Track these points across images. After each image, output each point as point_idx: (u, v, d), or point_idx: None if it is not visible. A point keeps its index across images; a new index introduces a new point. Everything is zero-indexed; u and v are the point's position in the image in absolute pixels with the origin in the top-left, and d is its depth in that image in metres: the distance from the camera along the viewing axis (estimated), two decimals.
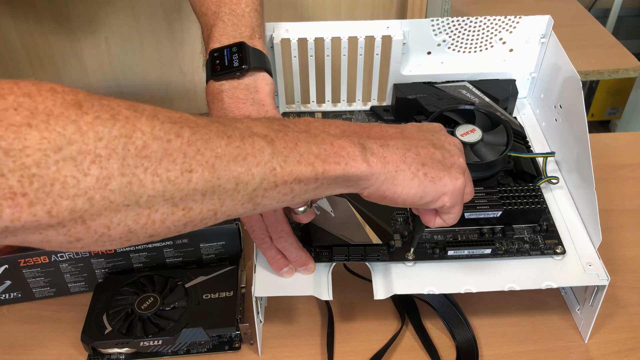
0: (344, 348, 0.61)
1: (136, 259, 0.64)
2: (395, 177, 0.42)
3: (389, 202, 0.43)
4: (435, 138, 0.46)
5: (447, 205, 0.44)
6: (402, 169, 0.42)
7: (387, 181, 0.42)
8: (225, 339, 0.60)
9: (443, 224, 0.48)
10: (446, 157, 0.44)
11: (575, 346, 0.60)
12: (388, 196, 0.43)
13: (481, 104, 0.72)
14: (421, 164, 0.42)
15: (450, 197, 0.44)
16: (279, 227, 0.53)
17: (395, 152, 0.42)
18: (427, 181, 0.42)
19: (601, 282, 0.55)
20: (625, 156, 0.84)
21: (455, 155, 0.45)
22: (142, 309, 0.59)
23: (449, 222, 0.47)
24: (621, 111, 2.03)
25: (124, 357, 0.59)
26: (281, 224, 0.53)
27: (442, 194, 0.44)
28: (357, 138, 0.41)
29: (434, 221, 0.48)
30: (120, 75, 1.16)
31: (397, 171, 0.42)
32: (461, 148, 0.47)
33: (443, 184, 0.43)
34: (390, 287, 0.55)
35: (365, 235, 0.58)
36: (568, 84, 0.64)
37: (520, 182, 0.64)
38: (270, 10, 1.12)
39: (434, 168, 0.43)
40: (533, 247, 0.58)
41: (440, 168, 0.43)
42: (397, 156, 0.42)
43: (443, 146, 0.45)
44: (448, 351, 0.60)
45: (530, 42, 0.73)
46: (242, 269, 0.64)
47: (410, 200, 0.43)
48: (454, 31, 0.72)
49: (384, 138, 0.43)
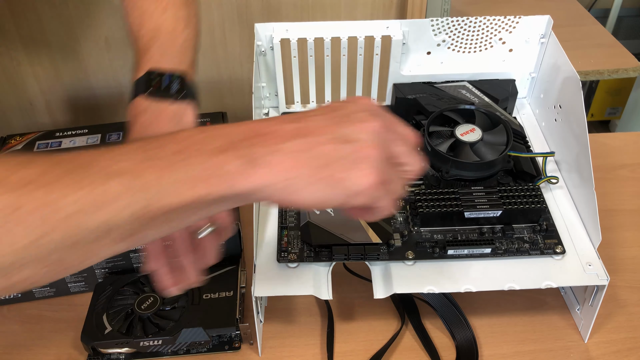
0: (343, 348, 0.61)
1: (136, 259, 0.64)
2: (291, 185, 0.37)
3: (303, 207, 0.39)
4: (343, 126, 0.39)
5: (365, 203, 0.39)
6: (298, 175, 0.37)
7: (283, 190, 0.37)
8: (225, 339, 0.60)
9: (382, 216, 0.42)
10: (351, 152, 0.38)
11: (575, 346, 0.60)
12: (295, 202, 0.38)
13: (481, 103, 0.72)
14: (320, 166, 0.37)
15: (365, 196, 0.38)
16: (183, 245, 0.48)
17: (289, 157, 0.37)
18: (330, 183, 0.37)
19: (601, 282, 0.55)
20: (624, 156, 0.84)
21: (365, 146, 0.38)
22: (142, 309, 0.59)
23: (384, 214, 0.41)
24: (621, 111, 2.03)
25: (124, 357, 0.59)
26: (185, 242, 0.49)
27: (353, 194, 0.38)
28: (243, 149, 0.37)
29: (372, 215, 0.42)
30: (120, 75, 1.16)
31: (293, 178, 0.37)
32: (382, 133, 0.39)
33: (351, 184, 0.37)
34: (390, 286, 0.55)
35: (364, 234, 0.58)
36: (568, 84, 0.64)
37: (520, 182, 0.64)
38: (270, 10, 1.12)
39: (336, 169, 0.37)
40: (533, 247, 0.58)
41: (344, 167, 0.37)
42: (291, 161, 0.37)
43: (349, 138, 0.38)
44: (448, 351, 0.60)
45: (529, 42, 0.73)
46: (242, 269, 0.64)
47: (316, 205, 0.38)
48: (453, 31, 0.72)
49: (276, 142, 0.38)
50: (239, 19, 1.12)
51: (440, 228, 0.60)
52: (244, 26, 1.13)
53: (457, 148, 0.62)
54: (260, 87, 0.75)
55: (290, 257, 0.58)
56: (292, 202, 0.37)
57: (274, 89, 0.76)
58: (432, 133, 0.65)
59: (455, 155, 0.61)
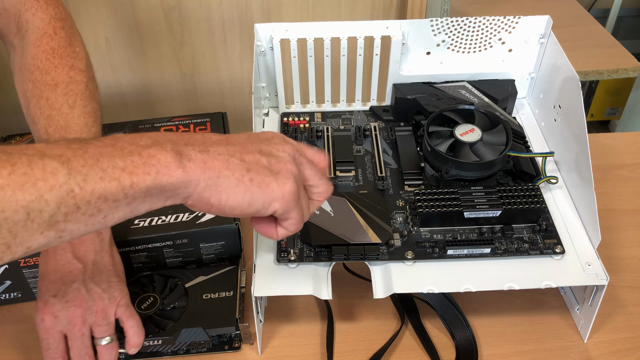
0: (343, 348, 0.61)
1: (136, 259, 0.64)
2: (218, 184, 0.40)
3: (217, 212, 0.41)
4: (264, 145, 0.44)
5: (280, 211, 0.43)
6: (225, 175, 0.40)
7: (210, 188, 0.40)
8: (225, 339, 0.60)
9: (286, 233, 0.46)
10: (273, 163, 0.42)
11: (574, 346, 0.60)
12: (214, 204, 0.40)
13: (480, 104, 0.72)
14: (246, 170, 0.41)
15: (280, 203, 0.42)
16: (83, 351, 0.53)
17: (217, 158, 0.40)
18: (253, 187, 0.41)
19: (600, 282, 0.55)
20: (624, 156, 0.84)
21: (284, 161, 0.43)
22: (142, 309, 0.59)
23: (291, 229, 0.45)
24: (620, 111, 2.03)
25: (123, 357, 0.59)
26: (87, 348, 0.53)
27: (272, 200, 0.42)
28: (172, 145, 0.39)
29: (276, 232, 0.46)
30: (121, 75, 1.16)
31: (220, 177, 0.40)
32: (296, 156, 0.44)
33: (271, 190, 0.41)
34: (390, 286, 0.55)
35: (364, 234, 0.58)
36: (567, 84, 0.65)
37: (520, 182, 0.64)
38: (271, 10, 1.12)
39: (259, 174, 0.41)
40: (532, 247, 0.58)
41: (267, 174, 0.42)
42: (219, 162, 0.40)
43: (271, 153, 0.43)
44: (447, 351, 0.60)
45: (529, 42, 0.73)
46: (242, 268, 0.64)
47: (239, 207, 0.41)
48: (453, 31, 0.72)
49: (205, 144, 0.41)
50: (239, 19, 1.12)
51: (440, 228, 0.60)
52: (244, 26, 1.13)
53: (457, 148, 0.62)
54: (260, 88, 0.75)
55: (290, 257, 0.58)
56: (219, 200, 0.40)
57: (273, 89, 0.76)
58: (432, 133, 0.65)
59: (455, 156, 0.61)
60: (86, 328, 0.53)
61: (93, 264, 0.55)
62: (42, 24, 0.61)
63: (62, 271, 0.53)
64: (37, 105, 0.58)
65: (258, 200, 0.41)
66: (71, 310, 0.52)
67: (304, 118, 0.75)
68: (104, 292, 0.54)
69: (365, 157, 0.70)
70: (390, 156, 0.69)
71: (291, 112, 0.77)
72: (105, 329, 0.54)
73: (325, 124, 0.75)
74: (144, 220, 0.63)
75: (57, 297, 0.52)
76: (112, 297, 0.54)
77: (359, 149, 0.71)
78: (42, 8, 0.62)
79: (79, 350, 0.53)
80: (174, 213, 0.64)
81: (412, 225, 0.61)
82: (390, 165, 0.68)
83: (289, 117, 0.76)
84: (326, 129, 0.72)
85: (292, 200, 0.43)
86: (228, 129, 0.78)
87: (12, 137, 0.77)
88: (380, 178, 0.66)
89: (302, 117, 0.75)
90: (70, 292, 0.53)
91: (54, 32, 0.61)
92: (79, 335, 0.53)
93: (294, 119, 0.75)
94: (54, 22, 0.62)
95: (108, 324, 0.54)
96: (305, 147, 0.47)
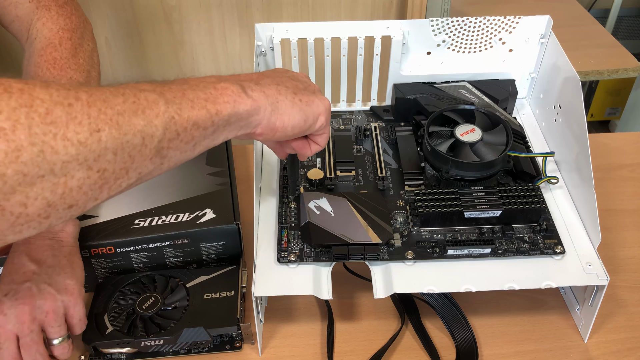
0: (343, 348, 0.61)
1: (136, 258, 0.64)
2: (279, 107, 0.47)
3: (281, 134, 0.48)
4: (288, 74, 0.52)
5: (324, 123, 0.51)
6: (281, 100, 0.47)
7: (274, 112, 0.46)
8: (226, 339, 0.60)
9: (318, 148, 0.54)
10: (307, 86, 0.51)
11: (574, 346, 0.61)
12: (279, 127, 0.47)
13: (481, 104, 0.72)
14: (293, 93, 0.48)
15: (325, 115, 0.51)
16: (33, 348, 0.52)
17: (269, 87, 0.47)
18: (304, 105, 0.49)
19: (600, 282, 0.55)
20: (624, 156, 0.84)
21: (310, 83, 0.52)
22: (144, 309, 0.59)
23: (322, 143, 0.54)
24: (621, 111, 2.03)
25: (125, 357, 0.59)
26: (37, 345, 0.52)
27: (319, 114, 0.50)
28: (234, 80, 0.45)
29: (309, 149, 0.54)
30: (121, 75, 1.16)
31: (278, 102, 0.47)
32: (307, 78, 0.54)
33: (316, 105, 0.50)
34: (390, 286, 0.55)
35: (364, 234, 0.58)
36: (567, 84, 0.65)
37: (520, 182, 0.64)
38: (271, 10, 1.12)
39: (304, 95, 0.49)
40: (533, 247, 0.58)
41: (308, 94, 0.50)
42: (272, 90, 0.47)
43: (298, 79, 0.52)
44: (448, 351, 0.60)
45: (529, 42, 0.73)
46: (243, 268, 0.64)
47: (298, 125, 0.48)
48: (453, 31, 0.72)
49: (254, 79, 0.47)
50: (239, 19, 1.12)
51: (440, 228, 0.60)
52: (244, 26, 1.13)
53: (457, 148, 0.62)
54: None
55: (290, 257, 0.58)
56: (282, 122, 0.47)
57: None
58: (432, 133, 0.65)
59: (455, 156, 0.61)
60: (35, 325, 0.52)
61: (48, 267, 0.55)
62: (50, 34, 0.64)
63: (16, 272, 0.54)
64: None
65: (310, 115, 0.49)
66: (19, 307, 0.51)
67: None
68: (57, 294, 0.54)
69: (366, 157, 0.70)
70: (391, 156, 0.70)
71: None
72: (58, 330, 0.53)
73: None
74: (144, 220, 0.63)
75: (7, 297, 0.52)
76: (66, 300, 0.54)
77: (360, 149, 0.71)
78: (53, 19, 0.65)
79: (29, 347, 0.52)
80: (174, 213, 0.64)
81: (412, 225, 0.61)
82: (391, 165, 0.68)
83: None
84: None
85: (328, 114, 0.52)
86: None
87: None
88: (380, 178, 0.66)
89: None
90: (20, 291, 0.53)
91: (59, 43, 0.63)
92: (28, 332, 0.52)
93: None
94: (62, 32, 0.64)
95: (60, 325, 0.54)
96: None
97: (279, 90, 0.47)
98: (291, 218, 0.62)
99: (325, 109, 0.50)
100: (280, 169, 0.68)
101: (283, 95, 0.47)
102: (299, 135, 0.51)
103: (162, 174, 0.42)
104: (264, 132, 0.47)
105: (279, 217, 0.62)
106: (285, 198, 0.64)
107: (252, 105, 0.44)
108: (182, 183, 0.68)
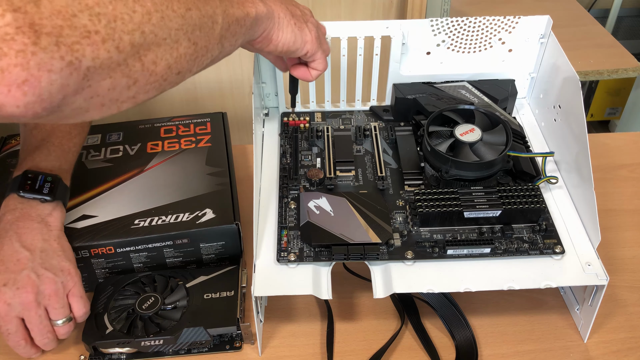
0: (343, 347, 0.61)
1: (136, 259, 0.64)
2: (280, 23, 0.55)
3: (273, 48, 0.56)
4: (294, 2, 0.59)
5: (310, 52, 0.59)
6: (283, 17, 0.55)
7: (277, 25, 0.55)
8: (226, 339, 0.60)
9: (318, 73, 0.63)
10: (303, 15, 0.58)
11: (574, 346, 0.61)
12: (273, 40, 0.55)
13: (480, 104, 0.72)
14: (291, 16, 0.56)
15: (310, 45, 0.58)
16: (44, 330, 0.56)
17: (276, 4, 0.55)
18: (296, 29, 0.56)
19: (600, 282, 0.55)
20: (624, 156, 0.84)
21: (309, 15, 0.60)
22: (143, 309, 0.59)
23: (320, 67, 0.62)
24: (620, 111, 2.03)
25: (125, 357, 0.59)
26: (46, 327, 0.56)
27: (305, 42, 0.58)
28: None
29: (310, 74, 0.63)
30: None
31: (280, 18, 0.55)
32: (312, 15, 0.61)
33: (305, 34, 0.57)
34: (390, 286, 0.55)
35: (364, 234, 0.58)
36: (567, 84, 0.65)
37: (520, 182, 0.64)
38: None
39: (299, 20, 0.57)
40: (532, 247, 0.58)
41: (302, 21, 0.57)
42: (278, 7, 0.55)
43: (301, 8, 0.59)
44: (447, 351, 0.60)
45: (529, 42, 0.73)
46: (242, 268, 0.64)
47: (287, 44, 0.56)
48: (453, 31, 0.72)
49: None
50: None
51: (440, 228, 0.60)
52: None
53: (457, 148, 0.62)
54: (261, 88, 0.75)
55: (290, 257, 0.58)
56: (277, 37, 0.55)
57: (274, 89, 0.76)
58: (432, 133, 0.65)
59: (455, 155, 0.61)
60: (42, 310, 0.55)
61: (41, 251, 0.57)
62: None
63: (10, 260, 0.55)
64: None
65: (298, 40, 0.57)
66: (23, 296, 0.54)
67: (304, 118, 0.75)
68: (56, 276, 0.56)
69: (365, 157, 0.70)
70: (390, 156, 0.70)
71: (291, 112, 0.77)
72: (61, 311, 0.56)
73: (326, 123, 0.75)
74: (144, 220, 0.63)
75: (7, 286, 0.54)
76: (65, 280, 0.57)
77: (359, 149, 0.71)
78: None
79: (39, 330, 0.56)
80: (173, 213, 0.64)
81: (412, 225, 0.61)
82: (390, 165, 0.68)
83: (289, 116, 0.76)
84: (326, 129, 0.73)
85: (316, 44, 0.59)
86: (228, 129, 0.78)
87: (12, 137, 0.77)
88: (380, 178, 0.66)
89: (303, 117, 0.75)
90: (20, 280, 0.54)
91: None
92: (36, 317, 0.55)
93: (294, 119, 0.75)
94: None
95: (63, 306, 0.57)
96: None
97: (282, 9, 0.55)
98: (291, 218, 0.62)
99: (311, 39, 0.58)
100: (280, 169, 0.68)
101: (284, 14, 0.55)
102: (287, 55, 0.59)
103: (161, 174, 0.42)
104: (261, 42, 0.55)
105: (279, 217, 0.62)
106: (285, 198, 0.64)
107: (268, 12, 0.52)
108: (182, 183, 0.68)
